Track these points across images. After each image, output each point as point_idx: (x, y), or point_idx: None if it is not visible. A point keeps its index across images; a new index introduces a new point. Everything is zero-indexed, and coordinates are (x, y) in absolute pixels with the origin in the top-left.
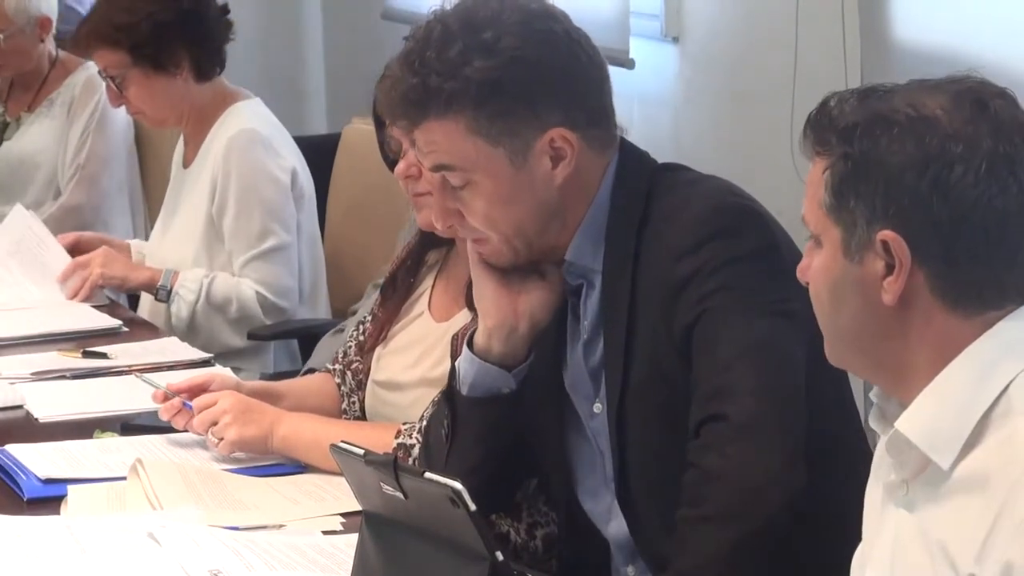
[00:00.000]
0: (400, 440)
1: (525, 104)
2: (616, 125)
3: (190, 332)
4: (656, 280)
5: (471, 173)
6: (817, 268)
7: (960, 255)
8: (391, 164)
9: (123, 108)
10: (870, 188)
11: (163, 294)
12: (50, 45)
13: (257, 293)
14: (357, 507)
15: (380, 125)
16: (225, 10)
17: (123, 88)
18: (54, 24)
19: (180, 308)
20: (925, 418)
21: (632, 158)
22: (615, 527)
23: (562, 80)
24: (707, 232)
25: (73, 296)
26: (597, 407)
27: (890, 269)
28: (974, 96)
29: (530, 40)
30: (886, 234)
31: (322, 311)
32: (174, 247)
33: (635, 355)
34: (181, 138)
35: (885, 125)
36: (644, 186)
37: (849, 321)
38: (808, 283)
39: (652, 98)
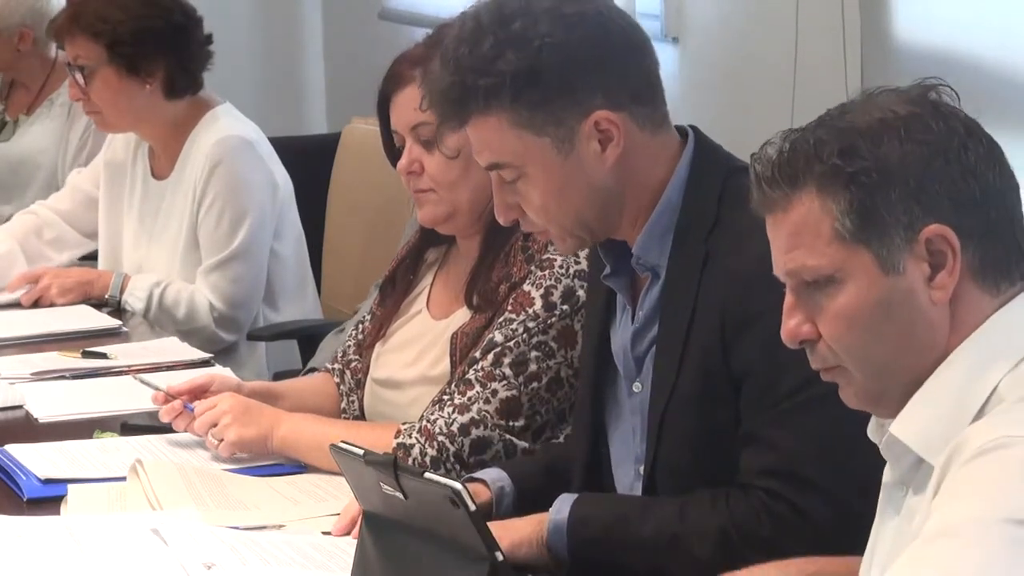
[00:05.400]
0: (400, 440)
1: (563, 90)
2: (665, 102)
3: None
4: (721, 297)
5: (522, 167)
6: (849, 304)
7: (993, 228)
8: (395, 160)
9: None
10: (900, 191)
11: (113, 303)
12: (51, 48)
13: (210, 303)
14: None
15: (384, 121)
16: (209, 40)
17: (88, 82)
18: (32, 37)
19: (132, 309)
20: (919, 421)
21: (705, 156)
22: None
23: (597, 61)
24: None
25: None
26: (637, 386)
27: (934, 268)
28: (920, 94)
29: (560, 25)
30: (931, 229)
31: (309, 309)
32: (160, 261)
33: (687, 365)
34: (144, 149)
35: (886, 130)
36: (717, 188)
37: (896, 340)
38: (815, 337)
39: None
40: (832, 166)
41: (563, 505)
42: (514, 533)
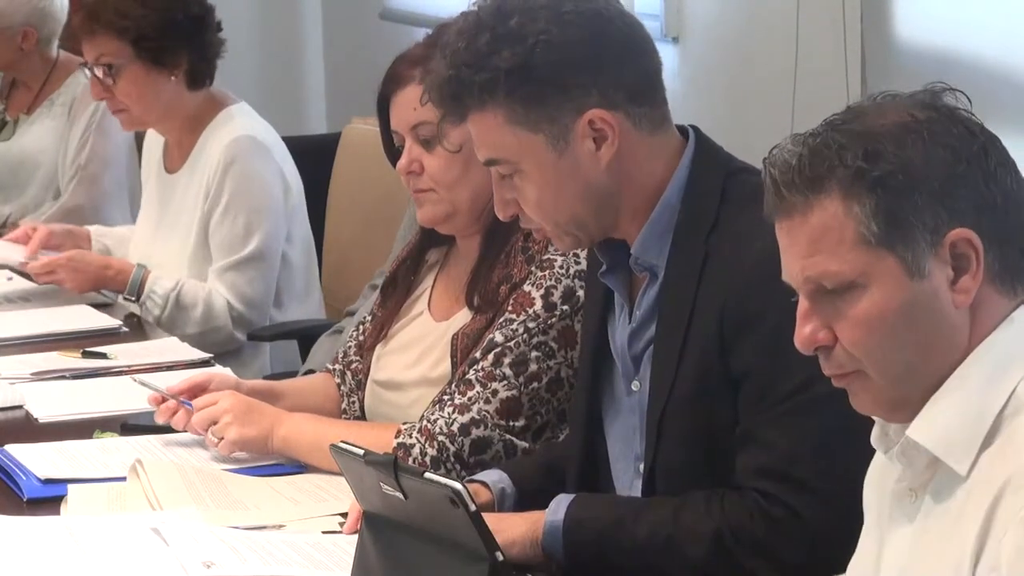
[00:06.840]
0: (400, 440)
1: (557, 87)
2: (666, 102)
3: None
4: (721, 297)
5: (517, 163)
6: (872, 309)
7: (1012, 232)
8: (394, 160)
9: None
10: (925, 195)
11: (130, 300)
12: (52, 47)
13: (228, 302)
14: None
15: (384, 121)
16: (220, 27)
17: (115, 79)
18: (36, 37)
19: (147, 314)
20: (938, 424)
21: (705, 156)
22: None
23: (592, 60)
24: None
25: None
26: (635, 385)
27: (957, 272)
28: (932, 98)
29: (556, 22)
30: (956, 233)
31: (314, 310)
32: (168, 255)
33: (686, 366)
34: (161, 143)
35: (908, 133)
36: (717, 188)
37: (918, 345)
38: (831, 343)
39: None
40: (857, 169)
41: (559, 506)
42: (507, 531)
